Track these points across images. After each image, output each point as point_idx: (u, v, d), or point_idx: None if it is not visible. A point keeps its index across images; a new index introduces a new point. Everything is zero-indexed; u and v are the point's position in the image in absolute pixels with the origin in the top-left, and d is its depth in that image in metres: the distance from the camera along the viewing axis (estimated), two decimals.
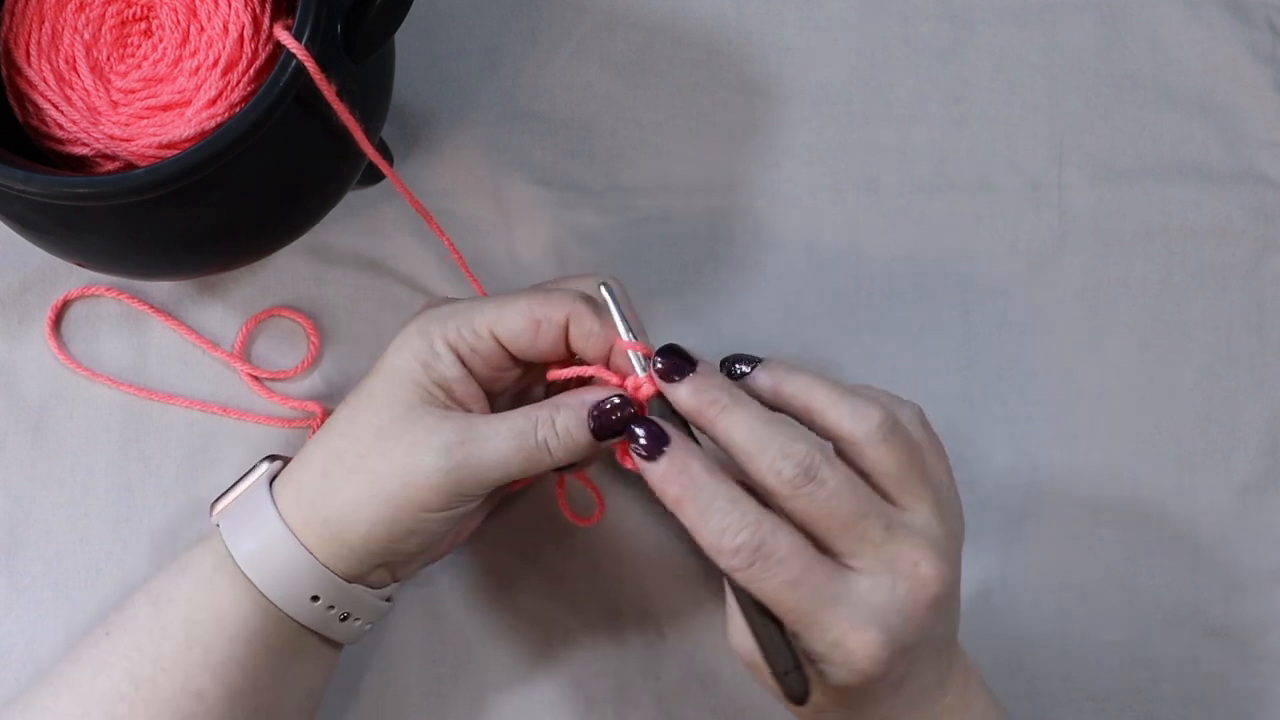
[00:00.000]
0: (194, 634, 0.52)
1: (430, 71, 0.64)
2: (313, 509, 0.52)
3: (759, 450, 0.48)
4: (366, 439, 0.51)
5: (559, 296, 0.52)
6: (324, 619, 0.53)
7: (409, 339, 0.52)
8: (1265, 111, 0.66)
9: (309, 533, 0.52)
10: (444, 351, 0.52)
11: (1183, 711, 0.63)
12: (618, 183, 0.64)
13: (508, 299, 0.53)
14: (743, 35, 0.66)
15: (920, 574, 0.48)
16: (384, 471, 0.51)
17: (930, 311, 0.65)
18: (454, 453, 0.50)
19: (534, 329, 0.52)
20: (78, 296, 0.62)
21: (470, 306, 0.53)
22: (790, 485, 0.48)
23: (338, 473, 0.51)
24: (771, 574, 0.47)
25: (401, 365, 0.52)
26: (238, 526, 0.53)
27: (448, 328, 0.52)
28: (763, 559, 0.47)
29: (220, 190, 0.50)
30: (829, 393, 0.50)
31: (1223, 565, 0.64)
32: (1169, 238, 0.66)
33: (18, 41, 0.52)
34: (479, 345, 0.52)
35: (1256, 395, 0.65)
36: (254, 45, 0.51)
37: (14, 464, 0.61)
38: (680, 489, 0.48)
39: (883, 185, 0.65)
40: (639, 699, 0.62)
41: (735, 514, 0.47)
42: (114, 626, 0.53)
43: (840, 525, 0.48)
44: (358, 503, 0.51)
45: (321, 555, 0.52)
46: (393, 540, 0.51)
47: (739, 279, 0.64)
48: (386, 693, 0.61)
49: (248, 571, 0.52)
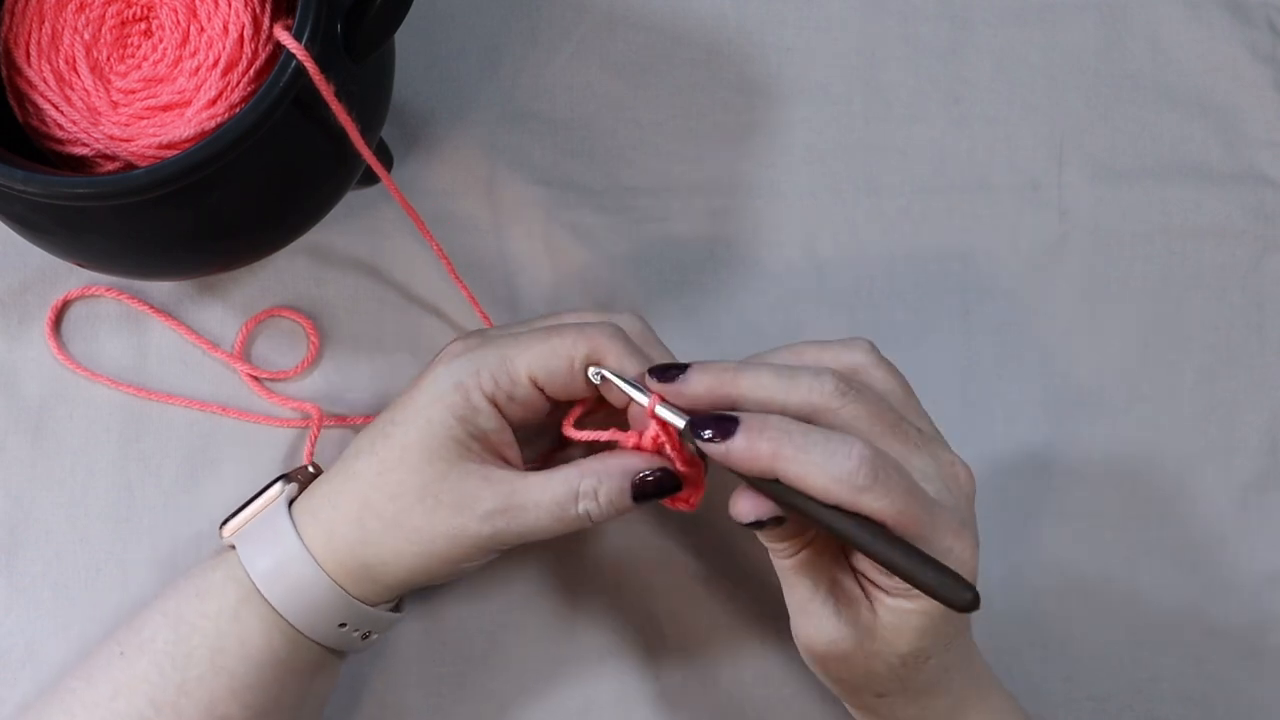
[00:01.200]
0: (219, 662, 0.52)
1: (430, 71, 0.64)
2: (349, 554, 0.52)
3: (791, 380, 0.49)
4: (406, 497, 0.51)
5: (594, 334, 0.51)
6: (347, 640, 0.54)
7: (443, 391, 0.51)
8: (1265, 111, 0.66)
9: (343, 573, 0.52)
10: (481, 404, 0.51)
11: (1183, 711, 0.63)
12: (618, 183, 0.64)
13: (538, 338, 0.51)
14: (743, 35, 0.66)
15: (960, 474, 0.50)
16: (426, 531, 0.51)
17: (930, 311, 0.65)
18: (495, 521, 0.51)
19: (571, 370, 0.51)
20: (78, 296, 0.62)
21: (504, 353, 0.51)
22: (837, 394, 0.48)
23: (376, 526, 0.51)
24: (894, 484, 0.47)
25: (438, 420, 0.51)
26: (259, 554, 0.52)
27: (484, 378, 0.51)
28: (883, 470, 0.46)
29: (220, 190, 0.50)
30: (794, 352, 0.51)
31: (1223, 565, 0.64)
32: (1169, 238, 0.66)
33: (18, 41, 0.52)
34: (516, 393, 0.51)
35: (1256, 395, 0.65)
36: (254, 45, 0.51)
37: (14, 464, 0.61)
38: (771, 441, 0.47)
39: (883, 185, 0.65)
40: (639, 699, 0.62)
41: (836, 440, 0.47)
42: (129, 647, 0.53)
43: (887, 427, 0.49)
44: (398, 554, 0.51)
45: (354, 590, 0.52)
46: (427, 582, 0.53)
47: (739, 279, 0.64)
48: (386, 694, 0.61)
49: (276, 604, 0.52)
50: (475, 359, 0.52)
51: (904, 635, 0.49)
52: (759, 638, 0.62)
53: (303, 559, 0.52)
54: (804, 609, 0.51)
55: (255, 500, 0.55)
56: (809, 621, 0.51)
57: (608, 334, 0.51)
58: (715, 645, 0.62)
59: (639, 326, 0.55)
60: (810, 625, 0.51)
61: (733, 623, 0.62)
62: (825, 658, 0.51)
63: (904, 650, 0.50)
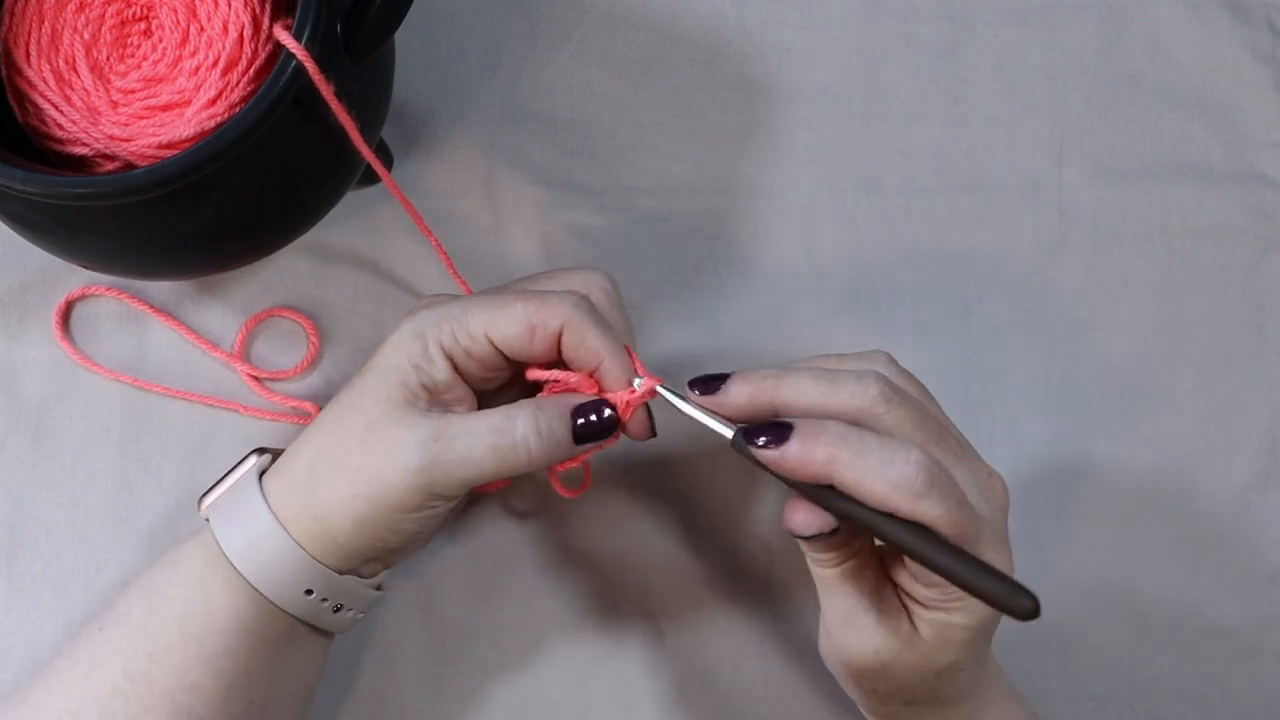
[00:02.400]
0: (188, 629, 0.52)
1: (430, 71, 0.64)
2: (303, 505, 0.52)
3: (833, 385, 0.48)
4: (352, 437, 0.51)
5: (555, 303, 0.52)
6: (317, 611, 0.53)
7: (403, 340, 0.52)
8: (1265, 111, 0.66)
9: (300, 528, 0.52)
10: (437, 355, 0.52)
11: (1183, 711, 0.63)
12: (618, 183, 0.64)
13: (503, 300, 0.52)
14: (743, 35, 0.66)
15: (997, 486, 0.50)
16: (365, 470, 0.51)
17: (930, 311, 0.65)
18: (427, 450, 0.50)
19: (529, 334, 0.51)
20: (79, 296, 0.62)
21: (465, 309, 0.52)
22: (882, 399, 0.48)
23: (324, 470, 0.51)
24: (950, 492, 0.46)
25: (394, 365, 0.52)
26: (228, 521, 0.53)
27: (442, 331, 0.52)
28: (940, 477, 0.46)
29: (220, 190, 0.50)
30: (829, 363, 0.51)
31: (1223, 565, 0.64)
32: (1169, 238, 0.66)
33: (18, 41, 0.52)
34: (473, 349, 0.52)
35: (1256, 395, 0.65)
36: (254, 45, 0.51)
37: (14, 464, 0.61)
38: (827, 446, 0.47)
39: (883, 185, 0.65)
40: (639, 699, 0.62)
41: (894, 445, 0.46)
42: (107, 622, 0.53)
43: (931, 434, 0.48)
44: (341, 500, 0.51)
45: (313, 550, 0.52)
46: (374, 539, 0.52)
47: (739, 279, 0.64)
48: (384, 690, 0.61)
49: (240, 566, 0.52)
50: (438, 313, 0.52)
51: (945, 648, 0.49)
52: (759, 638, 0.62)
53: (266, 520, 0.52)
54: (847, 621, 0.51)
55: (231, 473, 0.55)
56: (852, 634, 0.51)
57: (571, 303, 0.51)
58: (715, 645, 0.62)
59: (607, 287, 0.55)
60: (853, 637, 0.51)
61: (733, 623, 0.62)
62: (863, 670, 0.51)
63: (943, 663, 0.50)
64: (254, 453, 0.55)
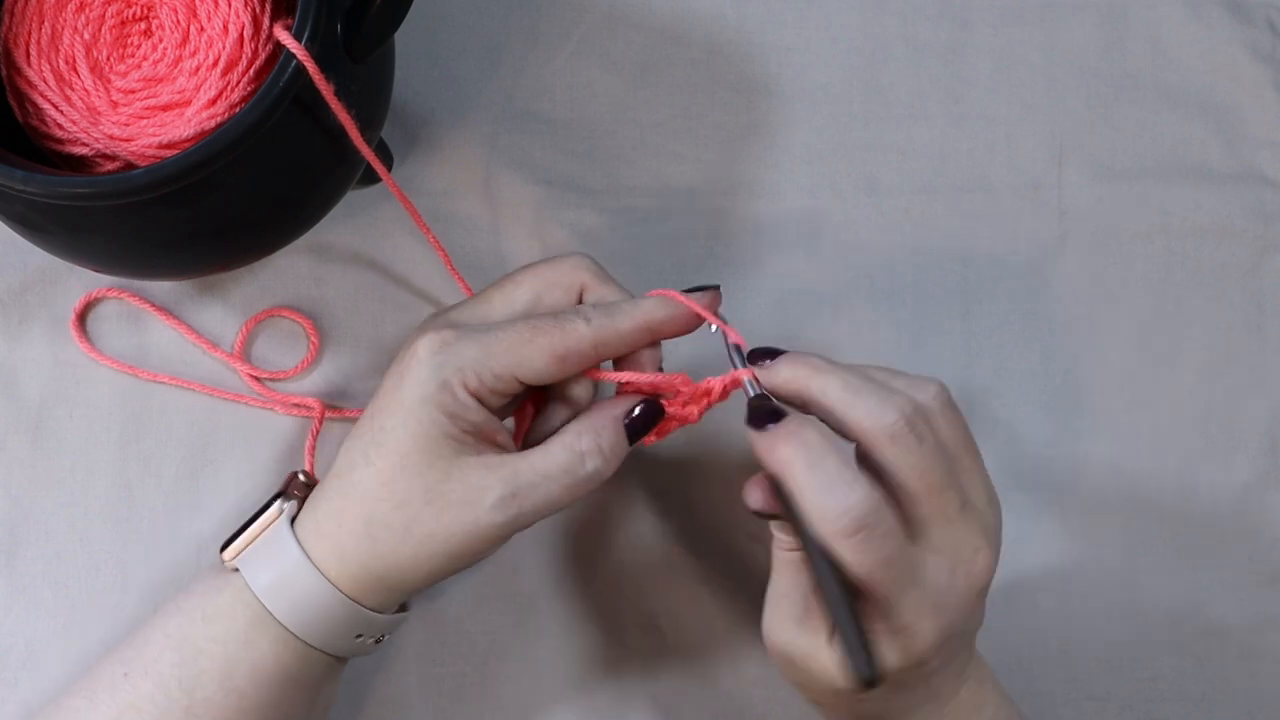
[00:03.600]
0: (230, 684, 0.51)
1: (430, 71, 0.64)
2: (362, 569, 0.51)
3: (855, 395, 0.48)
4: (413, 504, 0.50)
5: (573, 328, 0.51)
6: (362, 647, 0.53)
7: (428, 391, 0.50)
8: (1265, 111, 0.66)
9: (357, 588, 0.51)
10: (468, 400, 0.50)
11: (1183, 711, 0.63)
12: (618, 183, 0.64)
13: (520, 337, 0.51)
14: (743, 35, 0.66)
15: (978, 563, 0.49)
16: (441, 534, 0.50)
17: (930, 311, 0.65)
18: (508, 507, 0.50)
19: (560, 366, 0.51)
20: (97, 298, 0.62)
21: (485, 350, 0.51)
22: (890, 432, 0.47)
23: (387, 538, 0.50)
24: (875, 548, 0.47)
25: (429, 420, 0.50)
26: (268, 577, 0.51)
27: (468, 377, 0.50)
28: (869, 530, 0.46)
29: (220, 190, 0.50)
30: (880, 370, 0.50)
31: (1223, 565, 0.64)
32: (1169, 238, 0.66)
33: (18, 41, 0.52)
34: (499, 387, 0.51)
35: (1256, 395, 0.65)
36: (254, 45, 0.51)
37: (14, 464, 0.61)
38: (788, 450, 0.47)
39: (883, 185, 0.65)
40: (639, 699, 0.62)
41: (843, 481, 0.47)
42: (133, 668, 0.52)
43: (927, 489, 0.48)
44: (416, 562, 0.51)
45: (368, 602, 0.52)
46: (446, 576, 0.52)
47: (739, 279, 0.64)
48: (387, 694, 0.61)
49: (292, 626, 0.51)
50: (456, 356, 0.50)
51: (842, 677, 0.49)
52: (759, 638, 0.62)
53: (313, 578, 0.51)
54: (775, 601, 0.52)
55: (254, 521, 0.53)
56: (773, 615, 0.52)
57: (586, 322, 0.51)
58: (715, 645, 0.62)
59: (595, 269, 0.54)
60: (774, 619, 0.52)
61: (733, 623, 0.62)
62: (774, 654, 0.52)
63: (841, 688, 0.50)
64: (275, 499, 0.53)
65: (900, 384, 0.50)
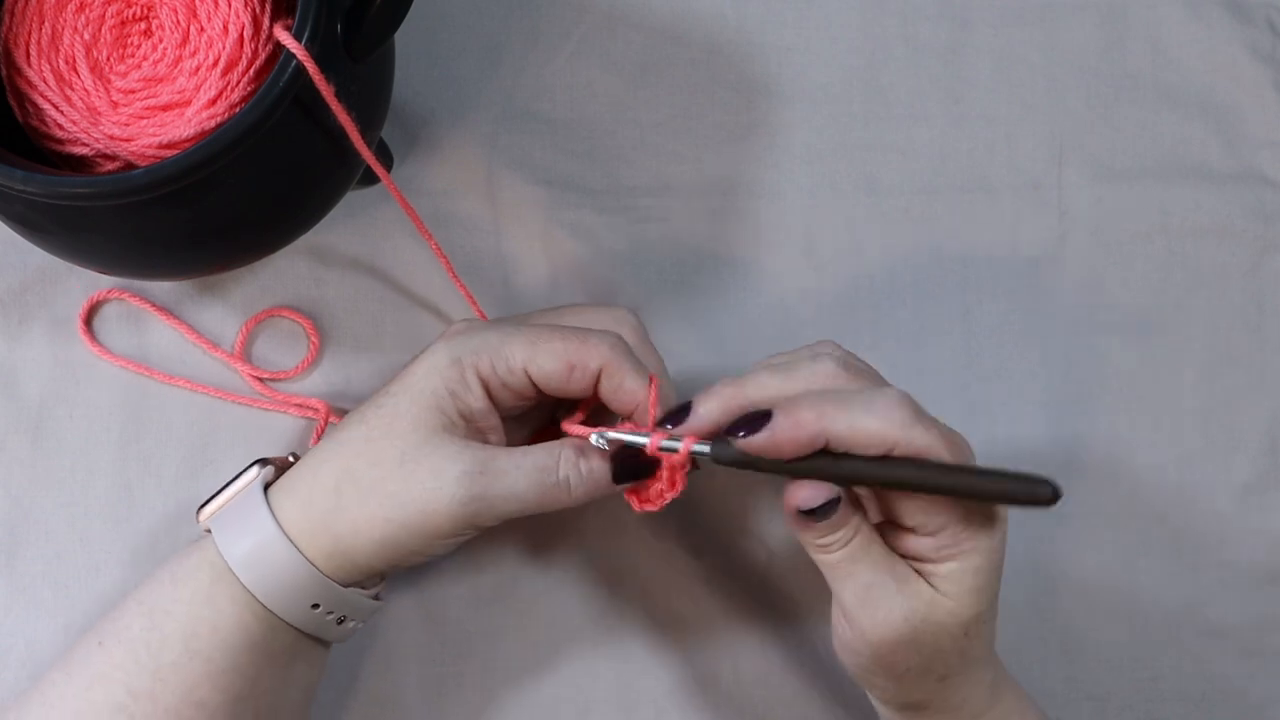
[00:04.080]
0: (194, 646, 0.51)
1: (430, 71, 0.64)
2: (322, 525, 0.51)
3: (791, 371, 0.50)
4: (387, 462, 0.51)
5: (595, 343, 0.52)
6: (321, 623, 0.53)
7: (439, 364, 0.52)
8: (1265, 111, 0.66)
9: (314, 546, 0.51)
10: (474, 383, 0.51)
11: (1183, 711, 0.63)
12: (618, 183, 0.64)
13: (542, 336, 0.52)
14: (743, 35, 0.66)
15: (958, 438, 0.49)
16: (401, 496, 0.51)
17: (930, 311, 0.65)
18: (473, 482, 0.50)
19: (568, 373, 0.51)
20: (102, 300, 0.62)
21: (504, 339, 0.52)
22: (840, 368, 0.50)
23: (352, 492, 0.51)
24: (933, 422, 0.48)
25: (430, 390, 0.51)
26: (235, 537, 0.52)
27: (481, 360, 0.51)
28: (922, 411, 0.48)
29: (220, 190, 0.50)
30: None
31: (1223, 565, 0.64)
32: (1169, 238, 0.66)
33: (18, 41, 0.52)
34: (510, 380, 0.52)
35: (1256, 395, 0.65)
36: (254, 45, 0.51)
37: (14, 464, 0.61)
38: (812, 408, 0.47)
39: (883, 185, 0.65)
40: (639, 699, 0.62)
41: (870, 390, 0.48)
42: (106, 636, 0.53)
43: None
44: (371, 523, 0.51)
45: (324, 566, 0.52)
46: (397, 559, 0.52)
47: (739, 279, 0.64)
48: (385, 693, 0.61)
49: (249, 584, 0.51)
50: (477, 340, 0.52)
51: (965, 600, 0.49)
52: (759, 638, 0.62)
53: (274, 535, 0.51)
54: (866, 598, 0.50)
55: (232, 484, 0.54)
56: (876, 610, 0.50)
57: (610, 344, 0.52)
58: (715, 645, 0.62)
59: (636, 325, 0.55)
60: (878, 613, 0.49)
61: (732, 623, 0.62)
62: (895, 646, 0.50)
63: (969, 615, 0.50)
64: (255, 464, 0.54)
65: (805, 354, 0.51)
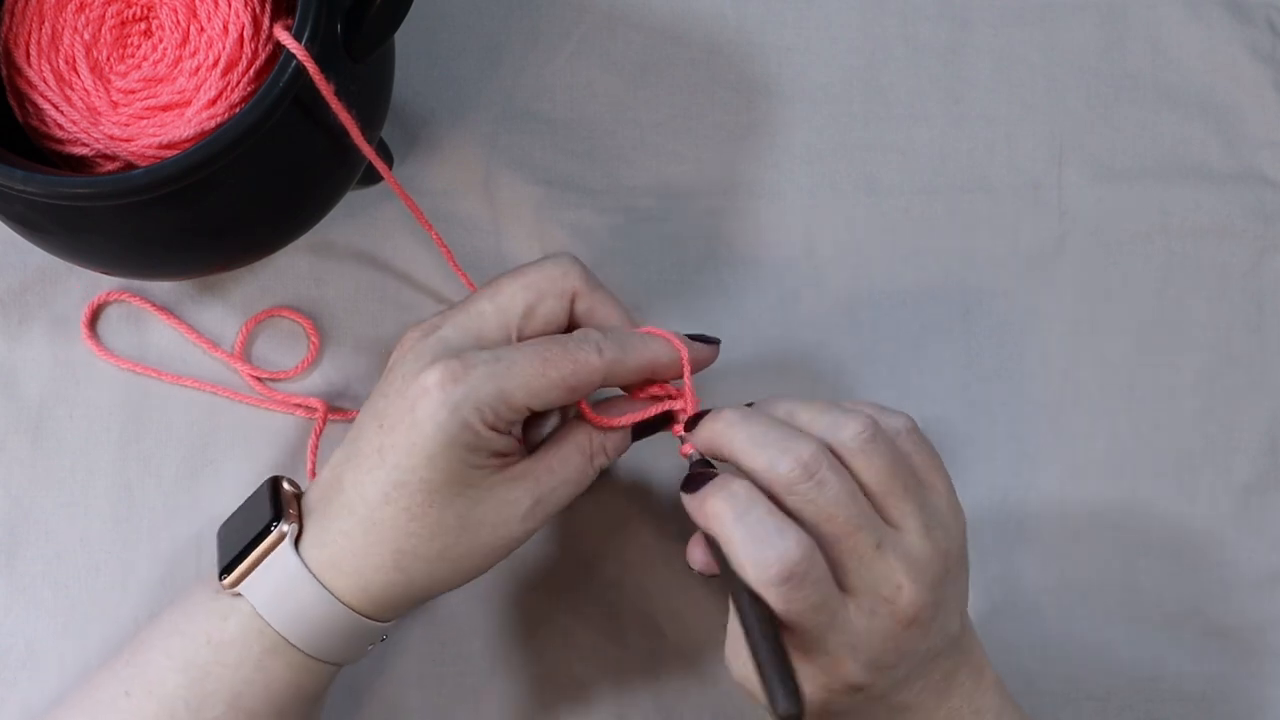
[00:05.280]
0: (240, 704, 0.51)
1: (430, 71, 0.64)
2: (390, 597, 0.51)
3: (757, 447, 0.49)
4: (449, 533, 0.51)
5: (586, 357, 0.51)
6: (366, 653, 0.54)
7: (452, 433, 0.49)
8: (1265, 111, 0.66)
9: (380, 609, 0.52)
10: (486, 433, 0.50)
11: (1183, 711, 0.63)
12: (618, 183, 0.64)
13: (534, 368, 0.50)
14: (743, 35, 0.66)
15: (901, 599, 0.48)
16: (479, 552, 0.52)
17: (930, 311, 0.65)
18: (536, 514, 0.52)
19: (570, 397, 0.52)
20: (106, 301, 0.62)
21: (499, 384, 0.50)
22: (786, 481, 0.48)
23: (421, 568, 0.51)
24: (804, 595, 0.47)
25: (458, 459, 0.50)
26: (287, 612, 0.51)
27: (486, 413, 0.50)
28: (798, 577, 0.47)
29: (220, 190, 0.50)
30: (810, 409, 0.51)
31: (1223, 565, 0.64)
32: (1169, 238, 0.66)
33: (18, 41, 0.52)
34: (514, 416, 0.51)
35: (1256, 395, 0.65)
36: (254, 45, 0.51)
37: (14, 464, 0.61)
38: (718, 503, 0.48)
39: (883, 185, 0.65)
40: (639, 699, 0.62)
41: (775, 527, 0.47)
42: (134, 687, 0.52)
43: (836, 533, 0.48)
44: (452, 581, 0.52)
45: (388, 618, 0.53)
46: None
47: (739, 279, 0.64)
48: (386, 694, 0.61)
49: (314, 653, 0.51)
50: (473, 392, 0.50)
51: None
52: None
53: (334, 609, 0.51)
54: (732, 636, 0.52)
55: (254, 547, 0.52)
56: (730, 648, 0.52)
57: (597, 353, 0.52)
58: (715, 645, 0.62)
59: (580, 270, 0.54)
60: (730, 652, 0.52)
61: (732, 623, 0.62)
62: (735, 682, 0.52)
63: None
64: (274, 524, 0.52)
65: (823, 423, 0.50)
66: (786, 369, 0.64)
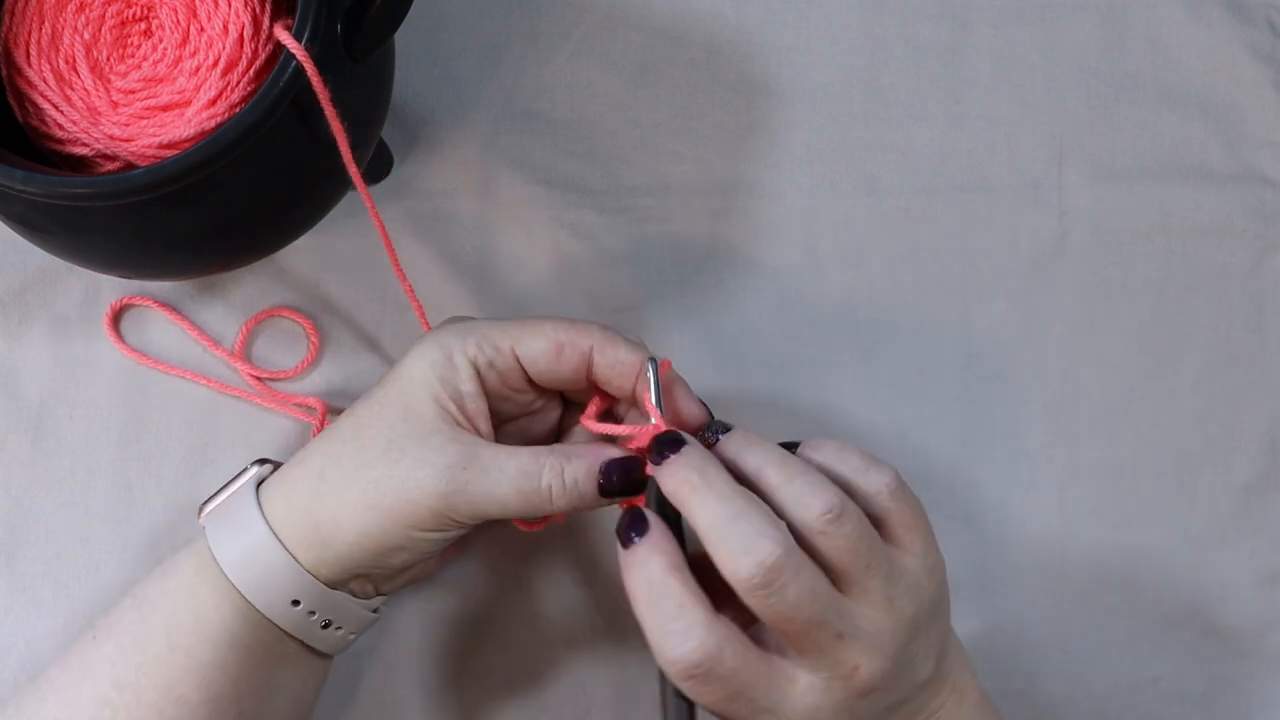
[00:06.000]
0: (176, 638, 0.51)
1: (430, 71, 0.64)
2: (305, 511, 0.51)
3: (719, 541, 0.46)
4: (372, 448, 0.51)
5: (585, 325, 0.52)
6: (305, 625, 0.52)
7: (426, 351, 0.52)
8: (1265, 111, 0.66)
9: (296, 536, 0.51)
10: (463, 365, 0.51)
11: (1183, 711, 0.63)
12: (618, 183, 0.64)
13: (530, 320, 0.53)
14: (743, 35, 0.66)
15: (858, 676, 0.47)
16: (383, 482, 0.50)
17: (930, 312, 0.65)
18: (455, 476, 0.50)
19: (556, 352, 0.51)
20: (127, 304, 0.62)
21: (493, 324, 0.53)
22: (747, 586, 0.46)
23: (335, 477, 0.51)
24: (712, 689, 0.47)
25: (418, 377, 0.51)
26: (222, 529, 0.52)
27: (468, 342, 0.52)
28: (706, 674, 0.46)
29: (220, 190, 0.50)
30: (779, 473, 0.48)
31: (1223, 565, 0.64)
32: (1169, 238, 0.66)
33: (18, 41, 0.52)
34: (498, 362, 0.52)
35: (1256, 395, 0.65)
36: (254, 45, 0.51)
37: (14, 464, 0.61)
38: (631, 577, 0.48)
39: (883, 185, 0.65)
40: (639, 699, 0.62)
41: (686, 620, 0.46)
42: (100, 630, 0.53)
43: (794, 631, 0.46)
44: (352, 509, 0.50)
45: (305, 559, 0.51)
46: (379, 553, 0.51)
47: (739, 279, 0.64)
48: (385, 693, 0.61)
49: (229, 574, 0.51)
50: (462, 328, 0.53)
51: None
52: None
53: (258, 527, 0.51)
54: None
55: (232, 482, 0.54)
56: None
57: (599, 326, 0.52)
58: None
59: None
60: None
61: None
62: None
63: None
64: (255, 463, 0.55)
65: (788, 494, 0.48)
66: (786, 369, 0.64)
